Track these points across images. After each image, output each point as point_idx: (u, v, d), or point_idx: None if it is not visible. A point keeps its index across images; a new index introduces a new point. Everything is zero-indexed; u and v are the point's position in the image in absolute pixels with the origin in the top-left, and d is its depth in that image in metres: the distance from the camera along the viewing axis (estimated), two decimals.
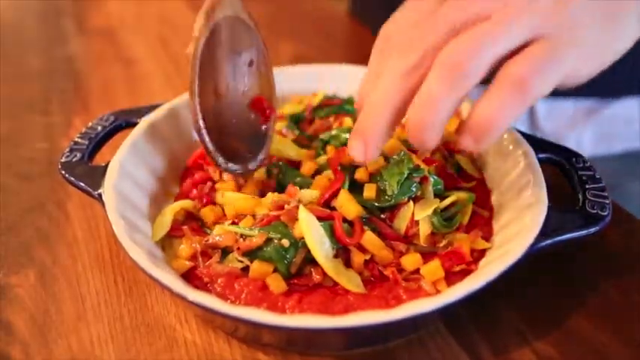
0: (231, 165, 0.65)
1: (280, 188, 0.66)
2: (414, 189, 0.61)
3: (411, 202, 0.61)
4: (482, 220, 0.64)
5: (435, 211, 0.60)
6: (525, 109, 0.49)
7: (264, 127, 0.68)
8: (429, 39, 0.51)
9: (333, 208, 0.61)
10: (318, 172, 0.67)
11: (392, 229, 0.61)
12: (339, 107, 0.76)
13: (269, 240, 0.58)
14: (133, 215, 0.62)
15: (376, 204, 0.61)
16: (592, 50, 0.51)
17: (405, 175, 0.60)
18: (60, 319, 0.61)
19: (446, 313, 0.57)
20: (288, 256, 0.58)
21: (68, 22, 1.19)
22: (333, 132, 0.71)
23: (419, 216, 0.60)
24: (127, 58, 1.06)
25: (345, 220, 0.60)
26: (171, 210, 0.64)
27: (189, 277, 0.59)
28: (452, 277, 0.57)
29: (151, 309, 0.61)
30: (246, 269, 0.58)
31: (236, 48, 0.65)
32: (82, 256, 0.68)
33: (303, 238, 0.57)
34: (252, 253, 0.58)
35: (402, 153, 0.62)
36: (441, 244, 0.60)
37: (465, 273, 0.58)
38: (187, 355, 0.57)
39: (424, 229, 0.60)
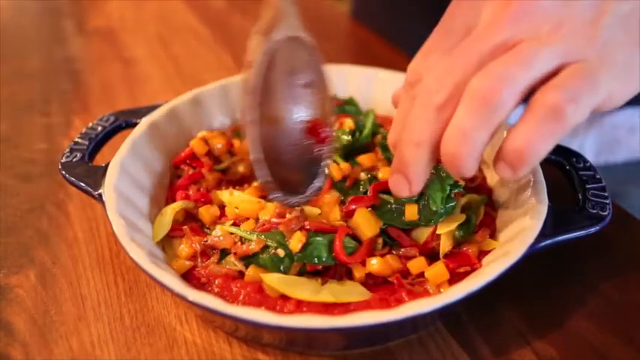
0: (290, 198, 0.59)
1: None
2: (454, 204, 0.59)
3: None
4: (489, 219, 0.63)
5: (458, 225, 0.59)
6: (562, 137, 0.47)
7: (320, 152, 0.61)
8: (458, 71, 0.49)
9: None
10: None
11: (410, 239, 0.60)
12: (339, 108, 0.76)
13: (266, 247, 0.58)
14: (133, 215, 0.62)
15: (422, 223, 0.59)
16: (627, 72, 0.50)
17: (448, 192, 0.59)
18: (60, 320, 0.61)
19: (446, 313, 0.57)
20: (282, 266, 0.57)
21: (68, 22, 1.19)
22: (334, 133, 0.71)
23: (442, 230, 0.59)
24: (127, 58, 1.06)
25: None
26: (172, 210, 0.64)
27: (188, 277, 0.59)
28: (455, 278, 0.57)
29: (151, 309, 0.61)
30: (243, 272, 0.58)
31: (292, 69, 0.60)
32: (83, 256, 0.68)
33: (299, 251, 0.57)
34: (248, 258, 0.58)
35: (440, 168, 0.60)
36: (450, 249, 0.60)
37: (469, 271, 0.58)
38: (188, 355, 0.57)
39: (446, 245, 0.59)
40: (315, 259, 0.57)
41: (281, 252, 0.57)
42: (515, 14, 0.49)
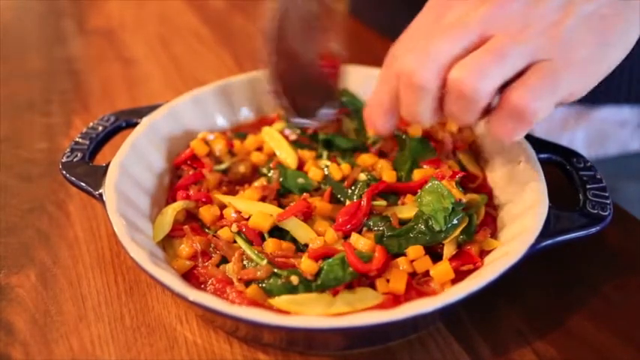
0: (306, 121, 0.71)
1: (284, 190, 0.66)
2: (456, 221, 0.59)
3: None
4: (489, 219, 0.63)
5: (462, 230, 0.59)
6: (528, 129, 0.54)
7: (333, 78, 0.71)
8: (437, 55, 0.54)
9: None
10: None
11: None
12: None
13: (274, 274, 0.56)
14: (134, 215, 0.62)
15: (428, 244, 0.59)
16: (586, 67, 0.54)
17: (450, 210, 0.58)
18: (61, 320, 0.61)
19: (446, 313, 0.57)
20: (297, 290, 0.55)
21: (68, 22, 1.19)
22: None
23: (446, 240, 0.59)
24: (127, 58, 1.06)
25: None
26: (172, 210, 0.64)
27: (189, 276, 0.59)
28: (458, 276, 0.57)
29: (151, 309, 0.61)
30: None
31: (304, 13, 0.68)
32: (83, 256, 0.68)
33: (314, 279, 0.55)
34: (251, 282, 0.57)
35: (439, 186, 0.60)
36: (453, 253, 0.59)
37: (472, 269, 0.57)
38: (188, 355, 0.57)
39: (449, 251, 0.59)
40: (333, 281, 0.55)
41: (295, 279, 0.55)
42: (487, 12, 0.54)
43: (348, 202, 0.63)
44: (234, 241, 0.61)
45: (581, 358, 0.56)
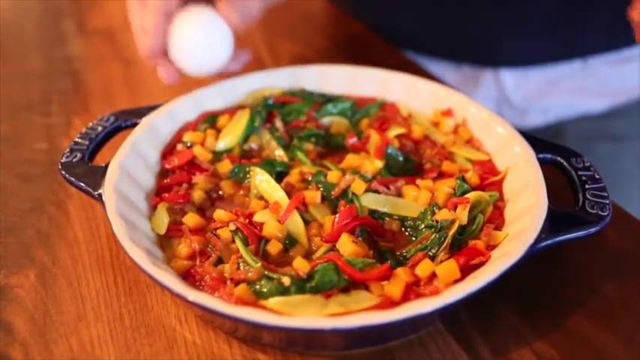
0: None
1: None
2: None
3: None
4: (497, 212, 0.62)
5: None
6: None
7: None
8: None
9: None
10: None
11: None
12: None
13: (265, 277, 0.55)
14: (133, 215, 0.62)
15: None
16: None
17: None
18: (60, 320, 0.61)
19: (445, 313, 0.57)
20: (289, 291, 0.55)
21: (68, 22, 1.19)
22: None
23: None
24: (127, 58, 1.06)
25: None
26: (162, 205, 0.64)
27: (187, 276, 0.59)
28: (469, 270, 0.56)
29: (151, 309, 0.61)
30: None
31: None
32: (82, 256, 0.68)
33: (307, 281, 0.55)
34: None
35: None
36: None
37: (484, 262, 0.56)
38: (187, 356, 0.57)
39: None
40: (328, 284, 0.55)
41: (286, 280, 0.54)
42: None
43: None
44: (233, 241, 0.61)
45: (581, 358, 0.56)
